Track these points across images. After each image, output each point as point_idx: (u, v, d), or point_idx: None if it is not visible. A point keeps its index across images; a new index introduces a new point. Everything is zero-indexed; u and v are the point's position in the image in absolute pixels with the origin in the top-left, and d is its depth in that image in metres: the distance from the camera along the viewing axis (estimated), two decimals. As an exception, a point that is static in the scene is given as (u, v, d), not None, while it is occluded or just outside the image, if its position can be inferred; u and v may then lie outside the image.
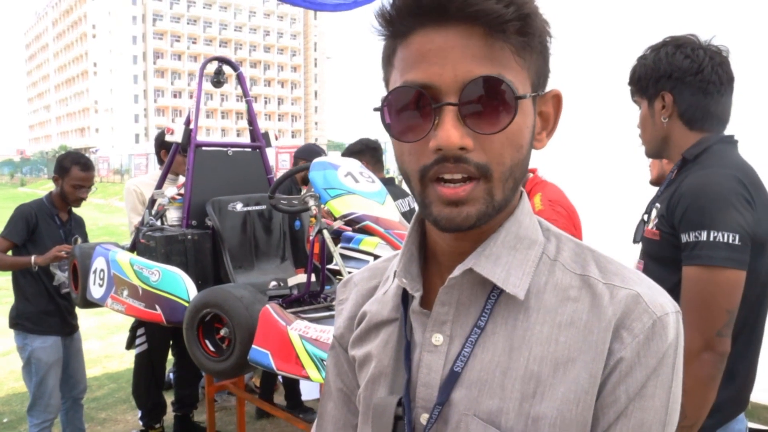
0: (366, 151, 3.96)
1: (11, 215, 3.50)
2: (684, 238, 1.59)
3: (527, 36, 0.67)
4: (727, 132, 1.78)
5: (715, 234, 1.54)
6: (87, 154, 3.95)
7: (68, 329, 3.60)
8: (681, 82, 1.70)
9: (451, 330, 0.75)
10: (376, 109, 0.73)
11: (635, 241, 1.87)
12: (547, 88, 0.76)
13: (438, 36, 0.66)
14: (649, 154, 1.90)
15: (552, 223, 0.83)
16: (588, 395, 0.68)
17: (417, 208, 0.77)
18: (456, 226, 0.69)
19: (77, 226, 3.75)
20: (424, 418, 0.74)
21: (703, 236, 1.55)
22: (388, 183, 3.92)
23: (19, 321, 3.48)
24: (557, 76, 0.82)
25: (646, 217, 1.81)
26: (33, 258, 3.39)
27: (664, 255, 1.67)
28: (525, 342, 0.71)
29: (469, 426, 0.71)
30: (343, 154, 3.96)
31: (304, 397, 4.52)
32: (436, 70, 0.66)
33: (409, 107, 0.68)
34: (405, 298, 0.82)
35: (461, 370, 0.73)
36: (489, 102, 0.66)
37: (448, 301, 0.75)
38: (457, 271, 0.73)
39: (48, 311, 3.47)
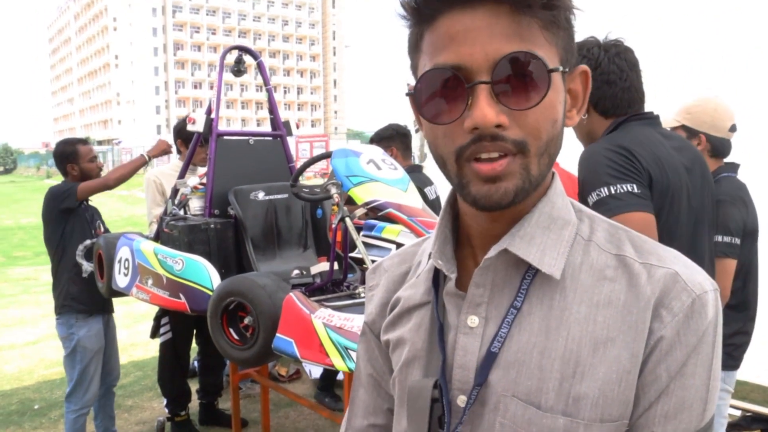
0: (396, 138, 3.93)
1: (48, 197, 3.58)
2: (590, 201, 1.75)
3: (554, 10, 0.67)
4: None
5: (612, 188, 1.70)
6: (111, 146, 4.03)
7: (109, 307, 3.72)
8: None
9: (487, 312, 0.75)
10: (407, 95, 0.73)
11: None
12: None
13: (465, 17, 0.66)
14: (585, 146, 2.03)
15: None
16: (630, 375, 0.68)
17: (441, 197, 0.76)
18: (495, 203, 0.69)
19: (97, 214, 3.82)
20: (461, 400, 0.75)
21: (603, 192, 1.72)
22: (416, 170, 3.88)
23: (65, 303, 3.54)
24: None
25: None
26: (143, 154, 3.75)
27: None
28: (563, 322, 0.71)
29: (509, 407, 0.71)
30: (372, 140, 3.92)
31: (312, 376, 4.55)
32: (467, 51, 0.66)
33: (442, 90, 0.68)
34: (436, 280, 0.82)
35: (498, 351, 0.73)
36: (521, 78, 0.66)
37: (483, 283, 0.75)
38: (492, 252, 0.73)
39: (90, 289, 3.53)
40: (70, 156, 3.60)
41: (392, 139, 3.92)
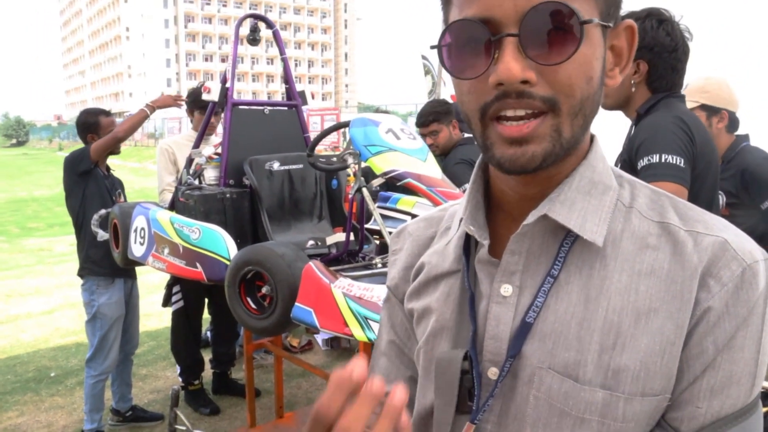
0: (452, 113, 3.74)
1: (67, 160, 3.59)
2: (639, 165, 1.85)
3: None
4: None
5: (666, 156, 1.81)
6: (122, 119, 4.01)
7: (132, 272, 3.74)
8: (659, 56, 1.94)
9: (521, 280, 0.71)
10: (432, 47, 0.69)
11: None
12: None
13: None
14: (607, 107, 2.10)
15: None
16: (674, 346, 0.64)
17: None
18: (520, 167, 0.64)
19: (119, 184, 3.83)
20: (492, 372, 0.71)
21: (654, 158, 1.82)
22: (469, 142, 3.72)
23: (86, 266, 3.60)
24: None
25: None
26: (148, 104, 3.66)
27: None
28: (603, 292, 0.67)
29: (543, 379, 0.68)
30: (421, 119, 3.75)
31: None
32: (495, 2, 0.61)
33: (468, 43, 0.64)
34: (467, 248, 0.78)
35: (534, 321, 0.69)
36: (552, 30, 0.61)
37: (518, 250, 0.71)
38: (531, 218, 0.69)
39: (109, 255, 3.55)
40: (92, 126, 3.62)
41: (449, 114, 3.74)
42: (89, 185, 3.55)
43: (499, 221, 0.76)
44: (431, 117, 3.73)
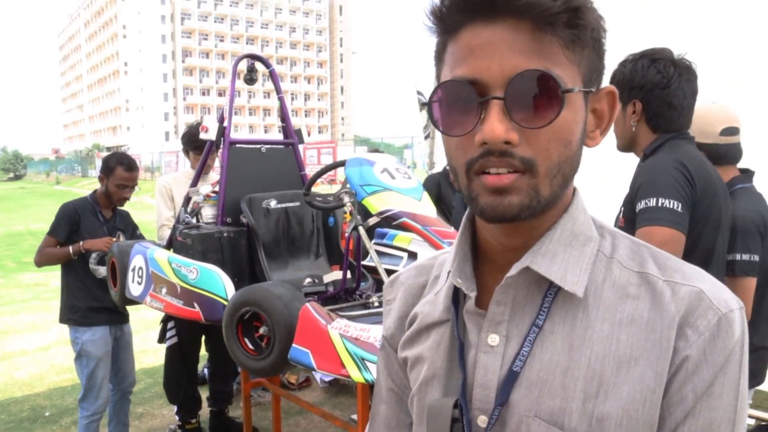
0: None
1: (56, 213, 3.61)
2: (637, 207, 1.88)
3: (577, 29, 0.66)
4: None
5: (662, 201, 1.83)
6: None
7: (117, 319, 3.69)
8: (651, 94, 1.98)
9: (507, 330, 0.74)
10: (423, 104, 0.74)
11: None
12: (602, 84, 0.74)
13: (486, 31, 0.66)
14: (620, 149, 2.16)
15: None
16: (654, 394, 0.67)
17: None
18: (499, 215, 0.68)
19: (122, 221, 3.82)
20: (482, 420, 0.74)
21: (651, 202, 1.84)
22: None
23: (68, 315, 3.59)
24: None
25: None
26: (81, 243, 3.49)
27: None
28: (586, 341, 0.70)
29: (531, 427, 0.70)
30: None
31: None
32: (483, 65, 0.66)
33: (457, 102, 0.68)
34: (456, 298, 0.81)
35: (520, 370, 0.72)
36: (535, 96, 0.65)
37: (504, 301, 0.74)
38: (514, 270, 0.72)
39: (92, 307, 3.55)
40: (108, 171, 3.62)
41: None
42: (80, 240, 3.54)
43: (485, 271, 0.79)
44: None
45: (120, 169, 3.60)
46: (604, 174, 2.88)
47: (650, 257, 0.74)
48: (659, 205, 1.83)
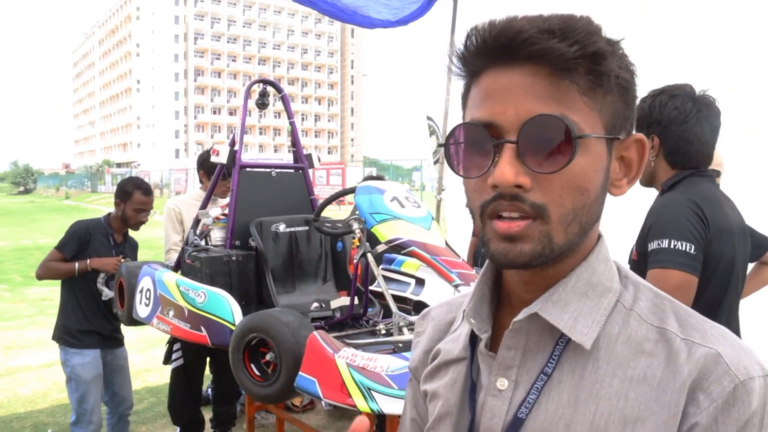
0: None
1: (67, 229, 3.62)
2: (650, 246, 1.86)
3: (596, 75, 0.65)
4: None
5: (675, 243, 1.81)
6: (130, 169, 4.05)
7: (109, 343, 3.65)
8: (668, 129, 1.98)
9: (517, 375, 0.73)
10: (440, 146, 0.74)
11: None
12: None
13: (504, 76, 0.66)
14: (642, 184, 2.15)
15: None
16: None
17: None
18: (509, 262, 0.67)
19: (131, 249, 3.82)
20: None
21: (664, 244, 1.82)
22: None
23: (59, 334, 3.59)
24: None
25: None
26: (88, 262, 3.48)
27: (643, 273, 1.84)
28: (592, 395, 0.68)
29: None
30: None
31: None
32: (499, 109, 0.66)
33: (473, 144, 0.69)
34: (474, 338, 0.81)
35: (525, 417, 0.71)
36: (547, 141, 0.65)
37: (515, 346, 0.73)
38: (522, 315, 0.72)
39: (84, 330, 3.54)
40: (125, 195, 3.61)
41: None
42: (86, 256, 3.55)
43: (505, 314, 0.79)
44: None
45: (138, 194, 3.60)
46: (621, 207, 2.88)
47: (672, 312, 0.71)
48: (672, 247, 1.81)
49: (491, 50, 0.67)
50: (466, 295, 0.91)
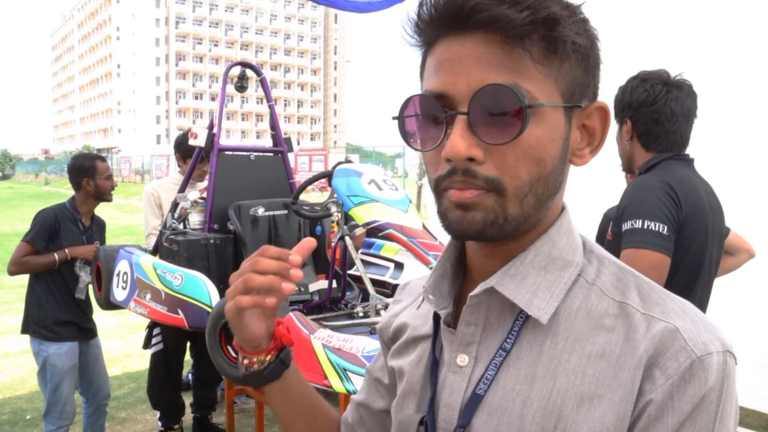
0: None
1: (33, 219, 3.45)
2: (624, 227, 1.89)
3: (549, 41, 0.63)
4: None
5: (648, 223, 1.84)
6: (110, 155, 3.99)
7: (85, 335, 3.55)
8: (637, 111, 2.03)
9: (477, 351, 0.72)
10: (394, 118, 0.72)
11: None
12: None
13: (456, 45, 0.64)
14: (624, 169, 2.22)
15: None
16: None
17: None
18: (462, 230, 0.66)
19: (99, 230, 3.70)
20: None
21: (638, 224, 1.86)
22: None
23: (33, 328, 3.43)
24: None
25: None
26: (67, 251, 3.36)
27: (617, 253, 1.87)
28: (550, 371, 0.66)
29: None
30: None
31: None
32: (451, 79, 0.64)
33: (426, 116, 0.67)
34: (438, 314, 0.79)
35: (484, 393, 0.69)
36: (498, 111, 0.62)
37: (474, 321, 0.72)
38: (478, 289, 0.70)
39: (60, 320, 3.41)
40: (88, 171, 3.46)
41: None
42: (57, 249, 3.41)
43: (469, 290, 0.76)
44: None
45: (99, 162, 3.50)
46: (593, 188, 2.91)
47: (635, 286, 0.69)
48: (645, 227, 1.84)
49: (442, 18, 0.64)
50: None
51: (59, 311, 3.42)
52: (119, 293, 3.15)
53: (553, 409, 0.65)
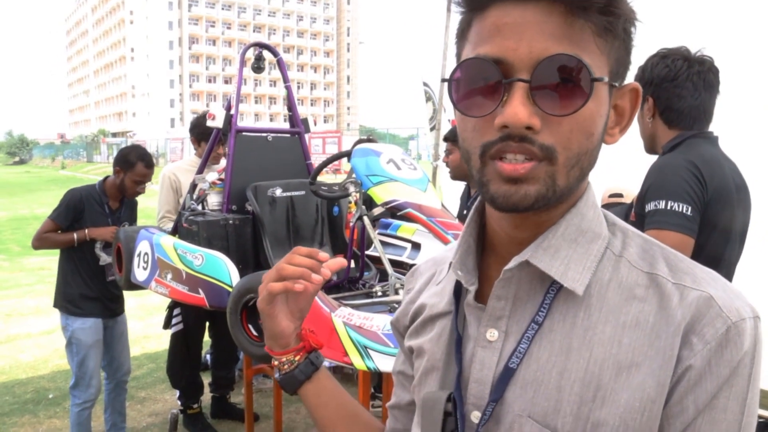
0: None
1: (61, 198, 3.59)
2: (647, 207, 1.87)
3: (610, 16, 0.63)
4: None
5: (672, 204, 1.82)
6: (125, 138, 4.00)
7: (109, 313, 3.65)
8: (659, 87, 2.00)
9: (507, 326, 0.72)
10: (443, 80, 0.73)
11: None
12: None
13: (516, 10, 0.63)
14: (647, 150, 2.17)
15: None
16: (655, 404, 0.63)
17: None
18: (513, 205, 0.65)
19: (129, 211, 3.78)
20: (475, 416, 0.72)
21: (661, 205, 1.84)
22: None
23: (61, 302, 3.59)
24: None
25: None
26: (86, 232, 3.47)
27: None
28: (585, 342, 0.67)
29: (523, 427, 0.68)
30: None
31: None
32: (511, 45, 0.63)
33: (479, 81, 0.65)
34: (458, 290, 0.80)
35: (517, 367, 0.69)
36: (562, 82, 0.62)
37: (505, 296, 0.72)
38: (513, 263, 0.70)
39: (86, 296, 3.54)
40: (126, 165, 3.53)
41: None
42: (81, 225, 3.53)
43: (491, 264, 0.77)
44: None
45: (141, 165, 3.53)
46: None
47: (662, 257, 0.70)
48: (669, 208, 1.82)
49: None
50: (451, 249, 0.89)
51: (84, 287, 3.55)
52: (140, 273, 3.18)
53: (591, 379, 0.66)
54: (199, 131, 4.24)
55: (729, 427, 0.63)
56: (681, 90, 1.97)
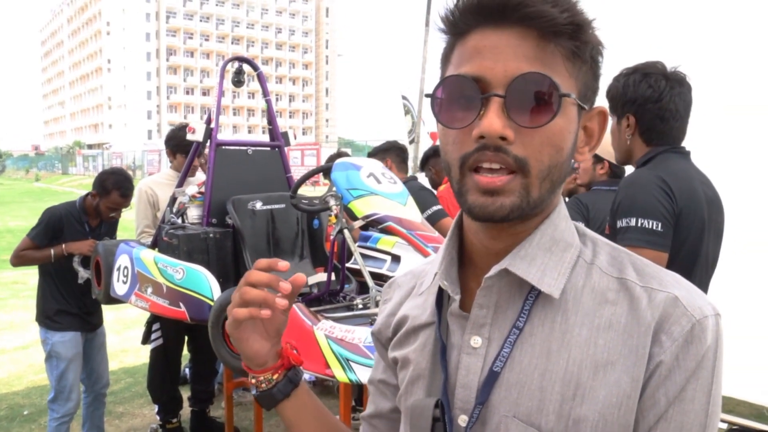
0: (392, 150, 4.19)
1: (40, 217, 3.58)
2: (618, 224, 1.91)
3: (578, 42, 0.70)
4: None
5: (642, 221, 1.86)
6: (101, 150, 3.97)
7: (88, 326, 3.64)
8: (643, 108, 2.01)
9: (490, 332, 0.76)
10: (427, 95, 0.77)
11: None
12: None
13: (494, 35, 0.70)
14: (618, 162, 2.24)
15: (442, 204, 0.84)
16: (630, 399, 0.69)
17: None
18: (489, 215, 0.70)
19: (109, 228, 3.78)
20: (462, 419, 0.76)
21: (632, 222, 1.87)
22: (410, 180, 4.01)
23: (41, 317, 3.58)
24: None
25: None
26: (63, 247, 3.46)
27: None
28: (564, 344, 0.72)
29: (509, 427, 0.72)
30: (370, 154, 4.09)
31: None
32: (488, 65, 0.69)
33: (459, 96, 0.71)
34: (440, 301, 0.83)
35: (500, 371, 0.74)
36: (534, 97, 0.68)
37: (487, 304, 0.76)
38: (493, 271, 0.75)
39: (64, 311, 3.53)
40: (102, 190, 3.52)
41: (388, 151, 4.16)
42: (60, 243, 3.52)
43: (469, 275, 0.82)
44: (372, 152, 4.25)
45: (115, 194, 3.52)
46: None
47: (630, 264, 0.76)
48: (639, 225, 1.86)
49: (484, 9, 0.70)
50: (430, 262, 0.94)
51: (63, 302, 3.54)
52: (120, 287, 3.16)
53: (571, 378, 0.71)
54: (175, 143, 4.22)
55: (696, 416, 0.69)
56: (664, 112, 2.00)
